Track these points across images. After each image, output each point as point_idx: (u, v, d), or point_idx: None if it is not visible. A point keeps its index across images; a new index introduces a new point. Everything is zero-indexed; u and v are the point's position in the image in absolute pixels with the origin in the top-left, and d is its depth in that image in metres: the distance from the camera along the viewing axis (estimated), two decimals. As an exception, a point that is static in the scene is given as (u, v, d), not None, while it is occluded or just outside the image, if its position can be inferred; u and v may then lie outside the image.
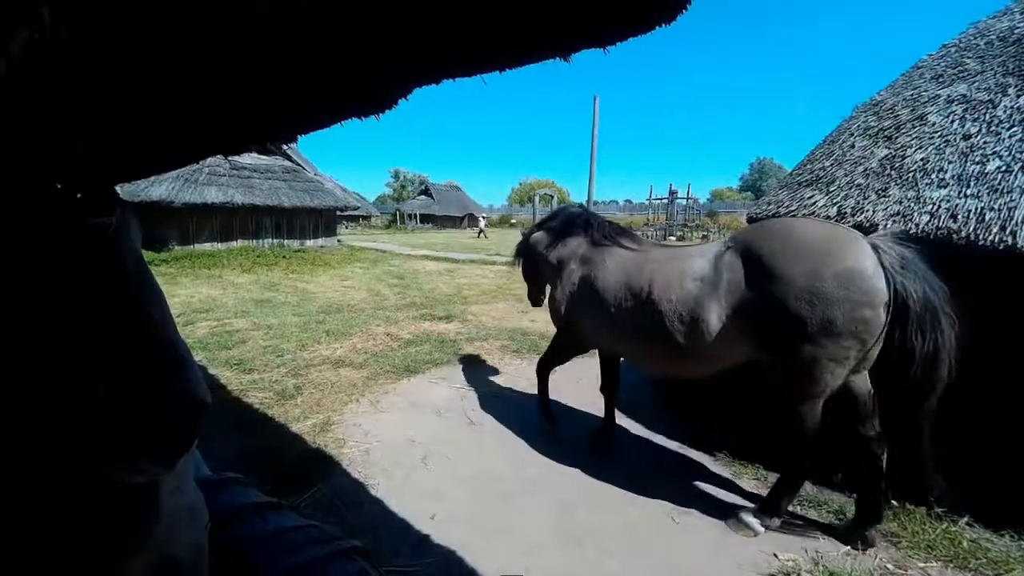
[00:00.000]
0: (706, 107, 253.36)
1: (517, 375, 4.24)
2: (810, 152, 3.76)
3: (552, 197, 33.88)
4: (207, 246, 12.43)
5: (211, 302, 6.95)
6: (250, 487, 0.96)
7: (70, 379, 0.42)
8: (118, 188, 1.01)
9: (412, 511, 2.34)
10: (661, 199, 24.25)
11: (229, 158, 12.06)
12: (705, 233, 22.64)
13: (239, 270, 10.36)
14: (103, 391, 0.43)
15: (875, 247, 1.91)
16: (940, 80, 3.19)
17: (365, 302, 7.27)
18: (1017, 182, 2.24)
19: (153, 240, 12.08)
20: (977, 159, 2.45)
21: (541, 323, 6.11)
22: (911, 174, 2.57)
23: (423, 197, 39.76)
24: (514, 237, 4.05)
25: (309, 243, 14.73)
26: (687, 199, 25.40)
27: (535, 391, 3.83)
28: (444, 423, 3.32)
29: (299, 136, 1.41)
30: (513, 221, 44.03)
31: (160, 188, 11.19)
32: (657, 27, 0.79)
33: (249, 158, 13.42)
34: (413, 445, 2.99)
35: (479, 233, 26.14)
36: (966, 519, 2.21)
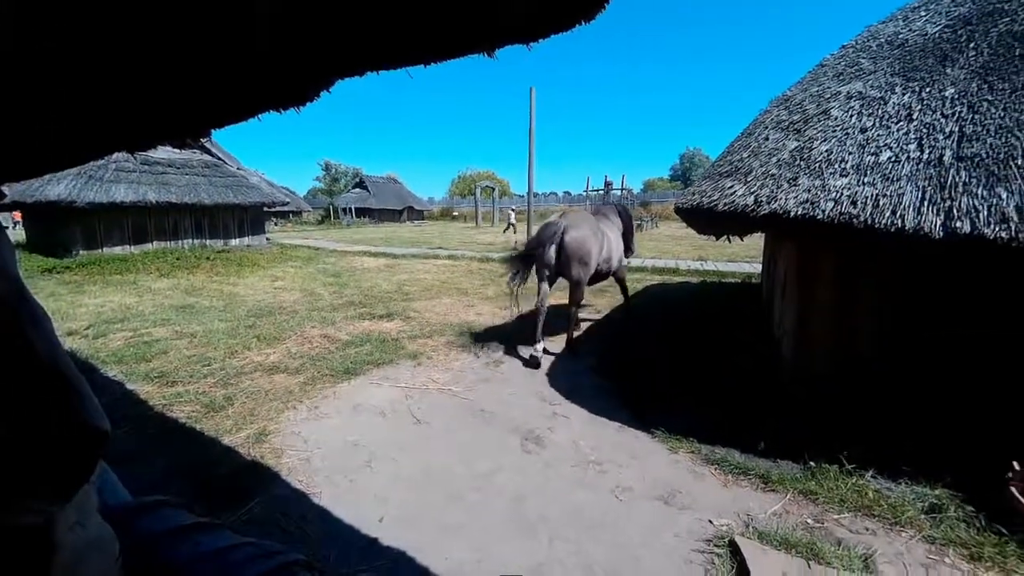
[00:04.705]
0: (638, 99, 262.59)
1: (464, 370, 4.23)
2: (729, 144, 4.00)
3: (493, 189, 33.84)
4: (118, 250, 11.33)
5: (125, 310, 6.36)
6: (179, 508, 0.89)
7: None
8: (5, 188, 0.89)
9: (358, 516, 2.28)
10: (597, 190, 24.91)
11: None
12: (639, 221, 23.54)
13: (156, 274, 9.53)
14: None
15: (551, 224, 4.47)
16: (840, 78, 3.48)
17: (299, 303, 6.93)
18: (904, 171, 2.50)
19: (54, 245, 10.76)
20: (872, 150, 2.70)
21: (487, 316, 6.13)
22: (818, 164, 2.80)
23: (358, 190, 38.05)
24: (456, 229, 4.09)
25: (234, 242, 13.83)
26: (622, 189, 26.26)
27: (484, 386, 3.87)
28: (388, 424, 3.25)
29: (211, 131, 1.31)
30: (455, 214, 43.22)
31: (58, 187, 10.03)
32: (577, 25, 0.81)
33: (162, 152, 12.31)
34: (357, 449, 2.90)
35: (507, 227, 22.24)
36: (871, 473, 2.47)
